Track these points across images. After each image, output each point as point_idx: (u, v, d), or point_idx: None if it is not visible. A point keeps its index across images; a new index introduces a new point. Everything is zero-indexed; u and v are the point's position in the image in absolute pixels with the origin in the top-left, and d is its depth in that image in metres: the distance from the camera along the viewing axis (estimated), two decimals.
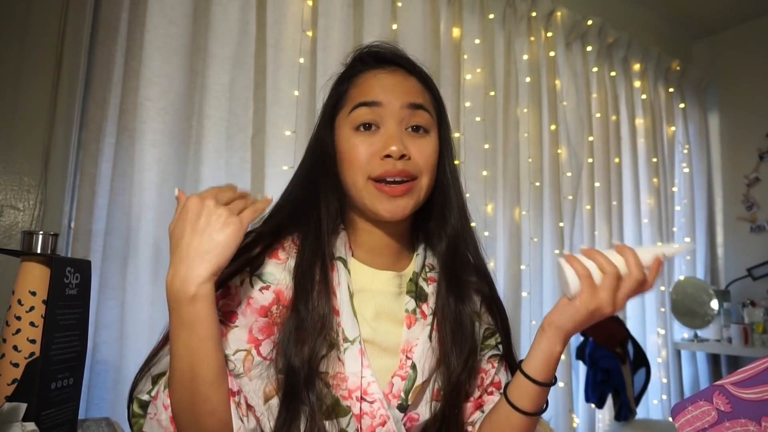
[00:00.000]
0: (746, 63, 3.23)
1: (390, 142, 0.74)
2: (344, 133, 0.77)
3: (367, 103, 0.76)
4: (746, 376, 0.51)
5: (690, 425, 0.52)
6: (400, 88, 0.77)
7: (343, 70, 0.85)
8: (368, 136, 0.75)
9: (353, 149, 0.75)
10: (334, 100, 0.81)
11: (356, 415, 0.71)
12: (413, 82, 0.80)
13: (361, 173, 0.75)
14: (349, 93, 0.80)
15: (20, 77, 1.31)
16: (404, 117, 0.76)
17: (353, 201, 0.79)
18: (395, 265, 0.82)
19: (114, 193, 1.43)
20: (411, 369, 0.75)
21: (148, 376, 0.70)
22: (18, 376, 0.75)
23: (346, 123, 0.78)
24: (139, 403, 0.69)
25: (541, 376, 0.72)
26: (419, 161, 0.76)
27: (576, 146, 2.50)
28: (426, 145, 0.77)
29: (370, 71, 0.80)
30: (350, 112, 0.77)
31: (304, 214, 0.78)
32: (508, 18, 2.32)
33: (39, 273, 0.79)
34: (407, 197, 0.75)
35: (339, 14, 1.87)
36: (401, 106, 0.76)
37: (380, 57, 0.81)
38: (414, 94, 0.78)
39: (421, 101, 0.78)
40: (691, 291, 2.93)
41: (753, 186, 3.14)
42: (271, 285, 0.74)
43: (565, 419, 2.20)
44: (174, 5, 1.56)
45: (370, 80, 0.79)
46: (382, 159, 0.74)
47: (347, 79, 0.81)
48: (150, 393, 0.68)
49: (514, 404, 0.73)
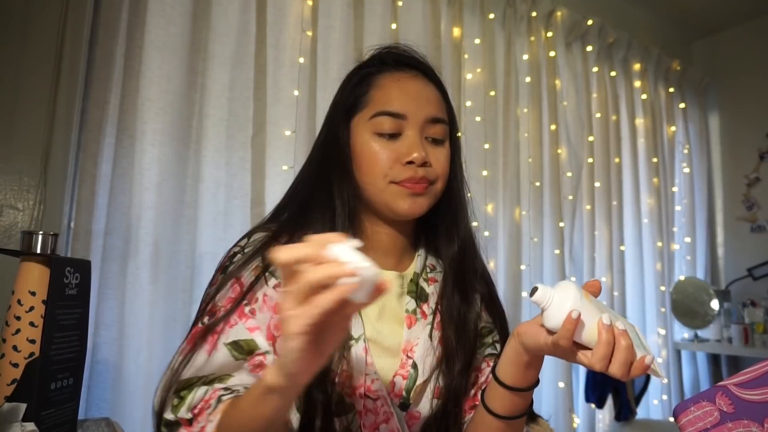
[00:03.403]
0: (746, 63, 3.23)
1: (413, 149, 0.75)
2: (363, 137, 0.78)
3: (391, 113, 0.77)
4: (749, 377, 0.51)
5: (692, 425, 0.52)
6: (423, 98, 0.79)
7: (359, 66, 0.84)
8: (390, 142, 0.77)
9: (375, 155, 0.76)
10: (353, 99, 0.81)
11: (360, 412, 0.72)
12: (433, 92, 0.81)
13: (382, 177, 0.76)
14: (369, 96, 0.79)
15: (20, 77, 1.31)
16: (425, 127, 0.78)
17: (368, 199, 0.79)
18: (397, 266, 0.83)
19: (114, 193, 1.42)
20: (412, 368, 0.76)
21: (171, 389, 0.67)
22: (18, 376, 0.74)
23: (366, 127, 0.78)
24: (165, 422, 0.66)
25: (512, 380, 0.69)
26: (437, 168, 0.78)
27: (576, 146, 2.50)
28: (442, 154, 0.80)
29: (390, 73, 0.80)
30: (371, 118, 0.77)
31: (317, 211, 0.78)
32: (508, 18, 2.32)
33: (39, 273, 0.79)
34: (425, 197, 0.77)
35: (339, 14, 1.87)
36: (424, 120, 0.78)
37: (401, 60, 0.82)
38: (434, 106, 0.80)
39: (441, 115, 0.80)
40: (692, 291, 2.93)
41: (753, 186, 3.14)
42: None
43: (565, 419, 2.20)
44: (174, 5, 1.56)
45: (391, 86, 0.79)
46: (404, 165, 0.75)
47: (367, 79, 0.81)
48: (176, 412, 0.65)
49: (487, 406, 0.72)
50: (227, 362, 0.68)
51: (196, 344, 0.68)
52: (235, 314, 0.70)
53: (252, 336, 0.69)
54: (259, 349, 0.69)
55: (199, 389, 0.66)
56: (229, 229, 1.58)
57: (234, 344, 0.69)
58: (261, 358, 0.69)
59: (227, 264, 0.75)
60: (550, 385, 2.25)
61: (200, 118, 1.60)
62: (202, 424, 0.64)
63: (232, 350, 0.68)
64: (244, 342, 0.69)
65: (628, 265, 2.71)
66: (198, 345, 0.68)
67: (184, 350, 0.69)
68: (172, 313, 1.48)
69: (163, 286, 1.48)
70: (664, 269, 2.86)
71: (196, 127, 1.58)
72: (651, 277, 2.82)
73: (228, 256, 0.77)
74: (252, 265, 0.73)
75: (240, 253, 0.76)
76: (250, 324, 0.70)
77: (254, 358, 0.69)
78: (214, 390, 0.66)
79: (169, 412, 0.66)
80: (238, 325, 0.70)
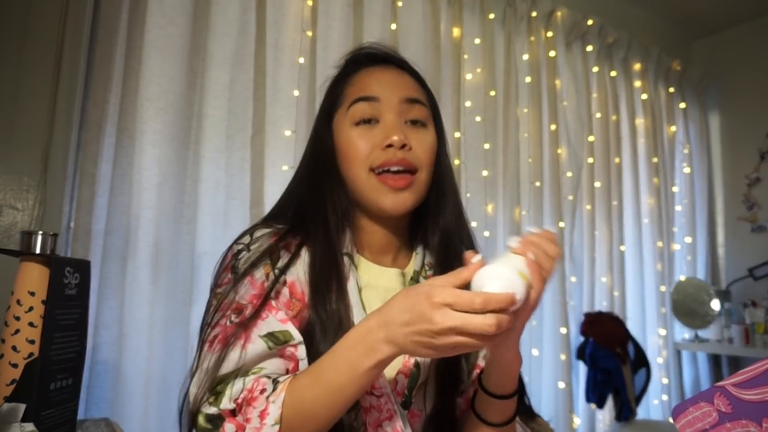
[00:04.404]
0: (746, 63, 3.22)
1: (391, 132, 0.75)
2: (343, 130, 0.79)
3: (365, 98, 0.77)
4: (747, 377, 0.51)
5: (691, 426, 0.52)
6: (397, 82, 0.80)
7: (337, 72, 0.86)
8: (368, 129, 0.77)
9: (353, 143, 0.77)
10: (331, 101, 0.83)
11: (364, 408, 0.72)
12: (407, 78, 0.82)
13: (362, 165, 0.76)
14: (345, 92, 0.81)
15: (20, 77, 1.31)
16: (403, 110, 0.78)
17: (357, 197, 0.79)
18: (397, 264, 0.84)
19: (114, 193, 1.42)
20: (414, 367, 0.76)
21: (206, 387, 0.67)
22: (17, 376, 0.74)
23: (345, 120, 0.79)
24: (207, 418, 0.65)
25: (494, 387, 0.72)
26: (419, 153, 0.77)
27: (576, 146, 2.50)
28: (425, 138, 0.79)
29: (364, 70, 0.82)
30: (348, 108, 0.78)
31: (312, 213, 0.78)
32: (508, 18, 2.32)
33: (38, 273, 0.79)
34: (409, 191, 0.76)
35: (339, 14, 1.87)
36: (399, 101, 0.78)
37: (374, 57, 0.83)
38: (410, 89, 0.80)
39: (417, 96, 0.80)
40: (692, 291, 2.93)
41: (754, 186, 3.14)
42: (287, 278, 0.74)
43: (565, 419, 2.20)
44: (174, 5, 1.56)
45: (365, 77, 0.80)
46: (383, 149, 0.75)
47: (343, 80, 0.83)
48: (217, 404, 0.65)
49: (477, 413, 0.73)
50: (262, 353, 0.69)
51: (228, 342, 0.68)
52: (264, 308, 0.71)
53: (286, 327, 0.70)
54: (294, 339, 0.70)
55: (236, 381, 0.66)
56: (229, 230, 1.58)
57: (270, 335, 0.69)
58: (292, 350, 0.70)
59: (233, 262, 0.75)
60: (550, 386, 2.25)
61: (200, 119, 1.60)
62: (261, 408, 0.63)
63: (267, 341, 0.69)
64: (280, 333, 0.70)
65: (628, 265, 2.71)
66: (231, 342, 0.68)
67: (216, 350, 0.68)
68: (171, 313, 1.48)
69: (163, 286, 1.48)
70: (665, 269, 2.85)
71: (195, 128, 1.59)
72: (651, 277, 2.82)
73: (233, 254, 0.77)
74: (261, 264, 0.73)
75: (245, 251, 0.76)
76: (280, 316, 0.71)
77: (286, 349, 0.70)
78: (256, 379, 0.66)
79: (208, 406, 0.65)
80: (270, 317, 0.70)
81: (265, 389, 0.65)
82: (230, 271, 0.75)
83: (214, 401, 0.65)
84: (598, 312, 2.46)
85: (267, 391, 0.65)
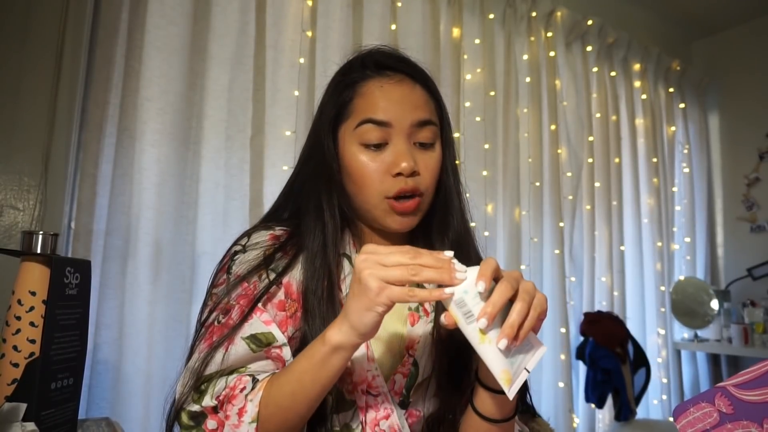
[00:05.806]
0: (746, 63, 3.23)
1: (400, 158, 0.74)
2: (350, 148, 0.76)
3: (375, 122, 0.75)
4: (749, 378, 0.51)
5: (692, 426, 0.52)
6: (408, 103, 0.76)
7: (342, 71, 0.82)
8: (377, 153, 0.75)
9: (363, 167, 0.75)
10: (337, 108, 0.79)
11: (361, 408, 0.72)
12: (419, 94, 0.78)
13: (376, 193, 0.75)
14: (353, 104, 0.77)
15: (20, 77, 1.31)
16: (412, 133, 0.76)
17: (362, 212, 0.79)
18: None
19: (114, 193, 1.43)
20: (413, 366, 0.76)
21: (190, 386, 0.68)
22: (18, 376, 0.74)
23: (352, 137, 0.76)
24: (190, 415, 0.67)
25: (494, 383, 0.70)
26: (426, 177, 0.77)
27: (576, 146, 2.50)
28: (431, 160, 0.78)
29: (374, 80, 0.78)
30: (356, 127, 0.76)
31: (310, 220, 0.78)
32: (508, 18, 2.32)
33: (39, 273, 0.79)
34: (416, 215, 0.77)
35: (339, 14, 1.87)
36: (410, 125, 0.75)
37: (383, 64, 0.79)
38: (421, 109, 0.77)
39: (428, 116, 0.77)
40: (691, 291, 2.93)
41: (753, 186, 3.14)
42: (282, 279, 0.75)
43: (565, 419, 2.20)
44: (174, 5, 1.56)
45: (375, 93, 0.76)
46: (393, 177, 0.74)
47: (351, 86, 0.79)
48: (200, 402, 0.67)
49: (476, 408, 0.72)
50: (245, 355, 0.69)
51: (213, 343, 0.69)
52: (252, 311, 0.71)
53: (269, 329, 0.70)
54: (276, 341, 0.70)
55: (219, 380, 0.68)
56: (228, 230, 1.58)
57: (252, 337, 0.70)
58: (277, 351, 0.70)
59: (228, 263, 0.76)
60: (550, 385, 2.25)
61: (200, 119, 1.60)
62: (239, 405, 0.65)
63: (250, 343, 0.69)
64: (262, 335, 0.70)
65: (627, 265, 2.71)
66: (216, 343, 0.69)
67: (202, 350, 0.70)
68: (172, 313, 1.48)
69: (163, 286, 1.48)
70: (664, 269, 2.86)
71: (195, 128, 1.59)
72: (651, 277, 2.82)
73: (230, 254, 0.78)
74: (256, 266, 0.74)
75: (241, 252, 0.77)
76: (264, 317, 0.71)
77: (272, 351, 0.70)
78: (238, 377, 0.68)
79: (192, 404, 0.67)
80: (254, 318, 0.71)
81: (245, 387, 0.67)
82: (225, 271, 0.76)
83: (197, 399, 0.67)
84: (597, 312, 2.46)
85: (246, 390, 0.67)
